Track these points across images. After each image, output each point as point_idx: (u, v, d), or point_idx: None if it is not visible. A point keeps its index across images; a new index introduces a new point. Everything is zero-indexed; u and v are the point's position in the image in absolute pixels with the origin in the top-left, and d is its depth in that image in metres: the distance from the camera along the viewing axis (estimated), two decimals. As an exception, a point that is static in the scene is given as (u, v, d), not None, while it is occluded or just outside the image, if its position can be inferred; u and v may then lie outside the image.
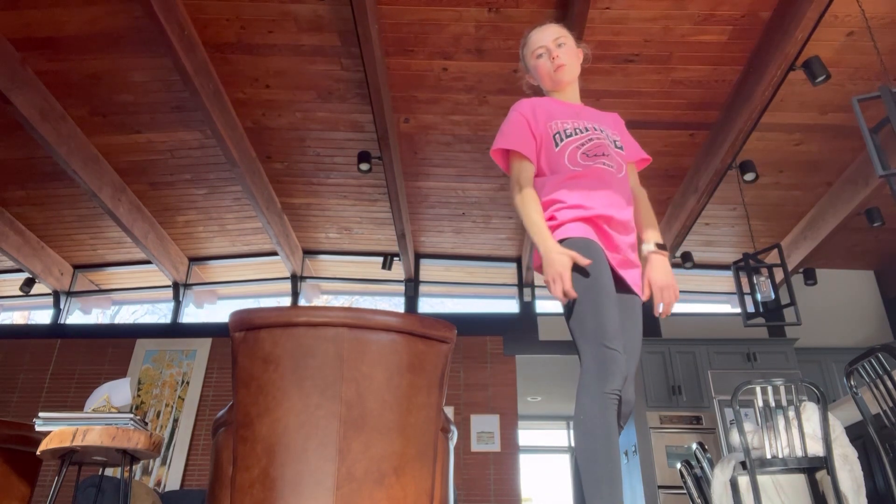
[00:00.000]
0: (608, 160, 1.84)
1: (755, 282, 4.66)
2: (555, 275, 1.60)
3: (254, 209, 5.98)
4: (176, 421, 6.37)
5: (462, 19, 4.25)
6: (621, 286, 1.76)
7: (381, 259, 6.89)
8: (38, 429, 2.39)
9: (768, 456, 2.68)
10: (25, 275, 6.98)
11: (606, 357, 1.54)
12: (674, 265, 6.69)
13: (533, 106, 1.93)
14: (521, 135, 1.89)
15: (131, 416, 2.44)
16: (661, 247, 1.84)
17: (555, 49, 1.96)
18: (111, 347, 6.84)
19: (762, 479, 2.75)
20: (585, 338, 1.58)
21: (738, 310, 5.97)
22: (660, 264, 1.80)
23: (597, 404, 1.51)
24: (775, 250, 5.04)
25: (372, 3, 3.99)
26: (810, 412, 2.72)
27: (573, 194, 1.77)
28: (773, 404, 2.78)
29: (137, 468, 6.10)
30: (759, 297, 4.62)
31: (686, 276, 7.18)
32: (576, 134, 1.86)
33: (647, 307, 1.81)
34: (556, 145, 1.85)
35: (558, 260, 1.61)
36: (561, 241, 1.70)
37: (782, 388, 2.79)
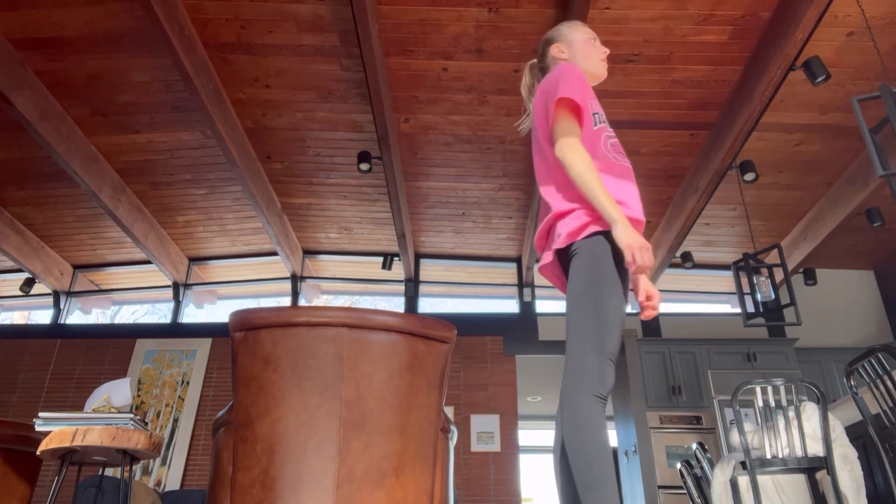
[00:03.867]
0: (628, 162, 1.86)
1: (755, 282, 4.66)
2: (644, 245, 1.56)
3: (254, 209, 5.98)
4: (176, 421, 6.37)
5: (462, 19, 4.25)
6: None
7: (381, 259, 6.89)
8: (38, 429, 2.39)
9: (768, 456, 2.68)
10: (25, 275, 6.98)
11: (609, 372, 1.56)
12: (673, 265, 6.69)
13: (585, 75, 1.91)
14: (586, 97, 1.80)
15: (131, 416, 2.44)
16: None
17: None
18: (111, 347, 6.84)
19: (762, 479, 2.75)
20: (599, 347, 1.56)
21: (738, 310, 5.98)
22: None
23: (594, 405, 1.51)
24: (775, 250, 5.05)
25: (372, 3, 3.98)
26: (810, 412, 2.72)
27: (615, 188, 1.73)
28: (773, 404, 2.78)
29: (137, 468, 6.10)
30: (759, 297, 4.62)
31: (686, 276, 7.18)
32: (606, 122, 1.87)
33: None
34: (595, 124, 1.81)
35: (641, 238, 1.59)
36: (604, 234, 1.66)
37: (782, 388, 2.79)
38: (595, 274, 1.63)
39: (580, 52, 2.00)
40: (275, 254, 6.99)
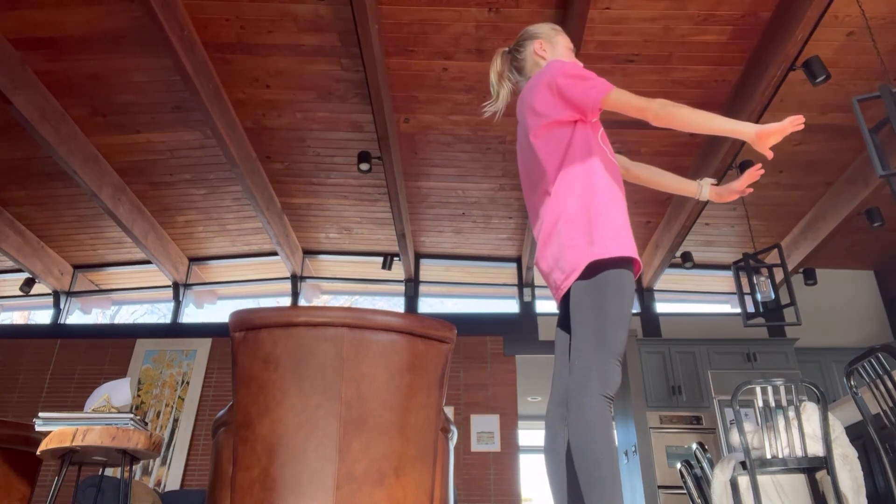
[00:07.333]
0: (614, 156, 1.88)
1: (755, 282, 4.66)
2: (780, 127, 1.61)
3: (254, 209, 5.98)
4: (176, 421, 6.37)
5: (462, 19, 4.25)
6: None
7: (381, 259, 6.88)
8: (38, 429, 2.39)
9: (768, 456, 2.68)
10: (25, 275, 6.98)
11: (617, 372, 1.57)
12: (673, 265, 6.69)
13: None
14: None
15: (131, 416, 2.43)
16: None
17: None
18: (111, 347, 6.84)
19: (762, 479, 2.75)
20: (606, 348, 1.57)
21: (738, 310, 5.97)
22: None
23: (602, 405, 1.51)
24: (775, 250, 5.04)
25: (372, 3, 3.98)
26: (810, 412, 2.72)
27: (619, 197, 1.75)
28: (773, 404, 2.78)
29: (137, 468, 6.10)
30: (759, 297, 4.62)
31: (686, 276, 7.18)
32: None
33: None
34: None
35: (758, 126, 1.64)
36: (626, 261, 1.66)
37: (782, 388, 2.79)
38: (602, 278, 1.64)
39: (562, 56, 2.01)
40: (275, 254, 6.99)
